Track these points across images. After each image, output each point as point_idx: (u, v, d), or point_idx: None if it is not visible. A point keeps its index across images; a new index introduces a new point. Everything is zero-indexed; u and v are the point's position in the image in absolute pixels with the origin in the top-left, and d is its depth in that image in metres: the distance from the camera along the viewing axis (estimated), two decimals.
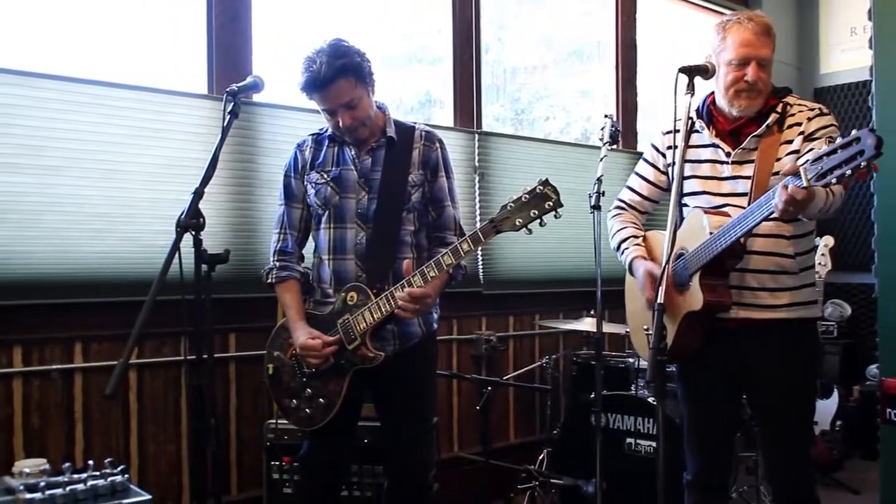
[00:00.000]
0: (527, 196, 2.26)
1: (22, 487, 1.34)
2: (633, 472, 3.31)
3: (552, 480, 3.51)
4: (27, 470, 1.53)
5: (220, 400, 3.25)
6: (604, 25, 5.00)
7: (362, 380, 2.50)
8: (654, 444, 3.28)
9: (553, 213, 2.26)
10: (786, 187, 1.96)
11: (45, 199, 2.87)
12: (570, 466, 3.47)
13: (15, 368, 2.86)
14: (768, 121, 2.32)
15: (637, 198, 2.66)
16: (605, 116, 3.34)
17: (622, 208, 2.69)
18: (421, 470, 2.60)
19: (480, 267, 4.07)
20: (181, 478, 3.20)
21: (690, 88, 2.28)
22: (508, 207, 2.27)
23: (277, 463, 3.05)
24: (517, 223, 2.26)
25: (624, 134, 4.65)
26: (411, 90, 4.25)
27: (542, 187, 2.26)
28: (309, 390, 2.50)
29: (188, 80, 3.34)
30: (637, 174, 2.66)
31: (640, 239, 2.58)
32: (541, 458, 3.73)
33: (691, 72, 2.28)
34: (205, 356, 2.23)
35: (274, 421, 3.04)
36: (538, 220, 2.26)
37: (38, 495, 1.33)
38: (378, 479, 3.05)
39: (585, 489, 3.34)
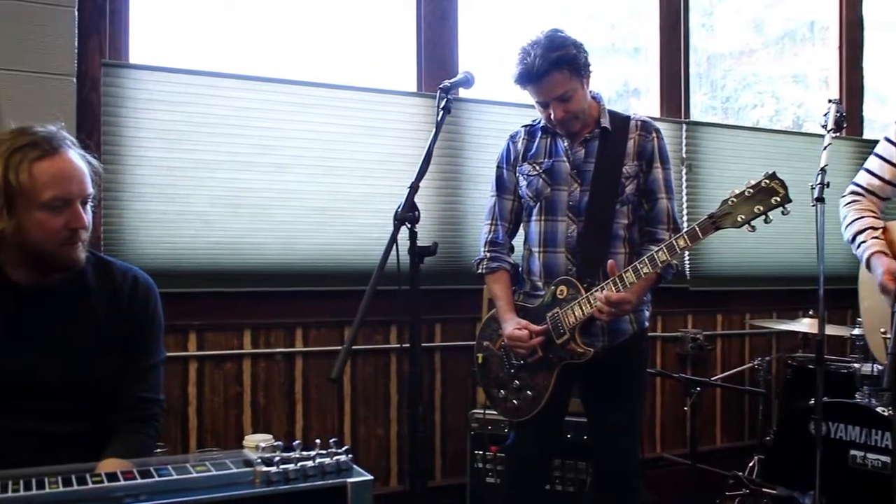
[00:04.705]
0: (751, 190, 2.13)
1: (259, 461, 1.44)
2: (859, 488, 3.04)
3: (764, 489, 3.32)
4: (262, 444, 1.64)
5: (425, 388, 3.36)
6: (821, 4, 4.64)
7: (570, 375, 2.47)
8: (885, 458, 3.00)
9: (780, 209, 2.10)
10: None
11: (273, 194, 3.09)
12: (783, 476, 3.26)
13: (245, 350, 3.11)
14: None
15: (877, 182, 2.43)
16: (830, 101, 3.08)
17: (859, 194, 2.48)
18: (627, 470, 2.53)
19: (687, 262, 3.92)
20: (389, 460, 3.35)
21: None
22: (730, 202, 2.14)
23: (481, 452, 3.09)
24: (739, 219, 2.13)
25: (849, 120, 4.30)
26: (609, 80, 4.17)
27: (768, 181, 2.11)
28: (517, 382, 2.51)
29: (396, 79, 3.47)
30: (877, 155, 2.44)
31: (880, 231, 2.36)
32: (751, 464, 3.54)
33: None
34: (417, 344, 2.29)
35: (480, 411, 3.08)
36: (763, 217, 2.12)
37: (273, 469, 1.42)
38: (580, 474, 3.02)
39: (802, 502, 3.13)
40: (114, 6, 2.92)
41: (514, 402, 2.52)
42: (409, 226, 2.09)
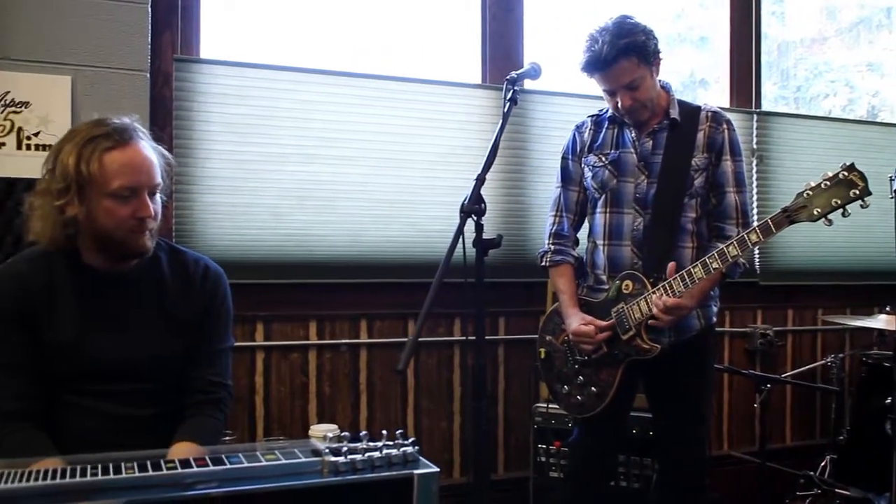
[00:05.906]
0: (827, 182, 2.06)
1: (327, 450, 1.45)
2: None
3: (837, 490, 3.22)
4: (330, 434, 1.66)
5: (489, 381, 3.35)
6: None
7: (635, 370, 2.43)
8: None
9: (859, 202, 2.03)
10: None
11: (339, 186, 3.12)
12: (857, 476, 3.16)
13: (311, 341, 3.15)
14: None
15: None
16: None
17: None
18: (695, 469, 2.48)
19: (757, 256, 3.83)
20: (452, 453, 3.36)
21: None
22: (805, 195, 2.08)
23: (545, 446, 3.08)
24: (815, 213, 2.06)
25: None
26: (675, 71, 4.09)
27: (846, 173, 2.04)
28: (581, 378, 2.48)
29: (461, 71, 3.46)
30: None
31: None
32: (822, 464, 3.44)
33: None
34: (481, 337, 2.28)
35: (543, 405, 3.06)
36: (841, 210, 2.05)
37: (341, 459, 1.43)
38: (646, 471, 2.97)
39: None
40: (185, 2, 2.98)
41: (578, 398, 2.49)
42: (475, 218, 2.06)
